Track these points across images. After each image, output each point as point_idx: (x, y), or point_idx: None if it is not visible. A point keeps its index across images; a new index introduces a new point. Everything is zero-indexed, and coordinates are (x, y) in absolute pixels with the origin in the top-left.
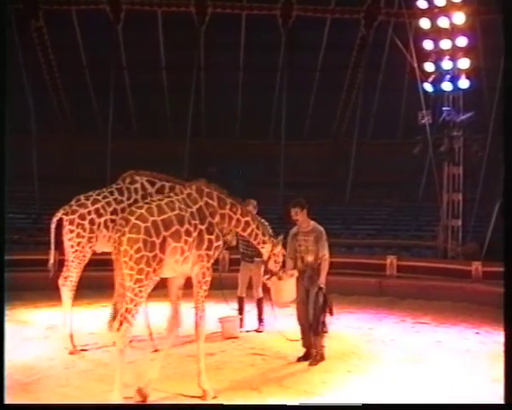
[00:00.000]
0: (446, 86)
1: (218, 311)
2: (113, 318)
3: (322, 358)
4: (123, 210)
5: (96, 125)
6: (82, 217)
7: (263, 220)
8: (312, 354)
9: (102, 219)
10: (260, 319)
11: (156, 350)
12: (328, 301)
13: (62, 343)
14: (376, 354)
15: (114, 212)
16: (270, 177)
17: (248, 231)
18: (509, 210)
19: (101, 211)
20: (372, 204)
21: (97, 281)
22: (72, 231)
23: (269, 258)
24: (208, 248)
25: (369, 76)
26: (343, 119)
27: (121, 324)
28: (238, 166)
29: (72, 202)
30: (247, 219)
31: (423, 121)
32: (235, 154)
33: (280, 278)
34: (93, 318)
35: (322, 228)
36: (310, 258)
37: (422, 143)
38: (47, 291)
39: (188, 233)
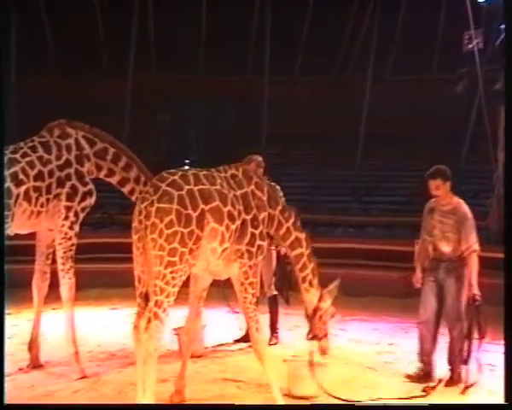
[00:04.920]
0: None
1: (180, 317)
2: (140, 317)
3: (459, 379)
4: (51, 173)
5: None
6: None
7: None
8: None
9: (22, 189)
10: (273, 328)
11: (84, 376)
12: (482, 321)
13: None
14: (399, 386)
15: (39, 176)
16: (248, 128)
17: (296, 252)
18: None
19: (21, 176)
20: (393, 167)
21: None
22: None
23: (314, 312)
24: (250, 244)
25: None
26: (352, 46)
27: (149, 321)
28: (201, 111)
29: None
30: (299, 235)
31: (471, 47)
32: (196, 94)
33: (322, 351)
34: None
35: (467, 209)
36: (446, 247)
37: (469, 78)
38: None
39: (231, 217)
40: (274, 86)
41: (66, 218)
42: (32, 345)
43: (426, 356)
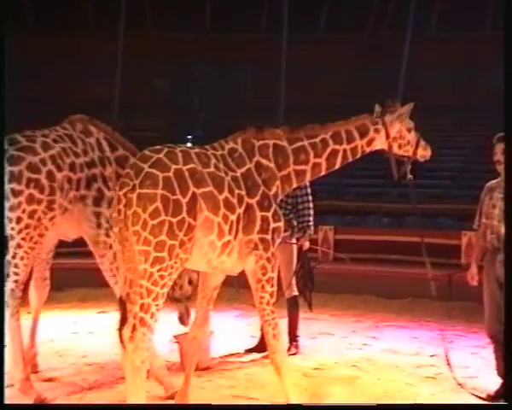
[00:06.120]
0: None
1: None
2: (123, 323)
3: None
4: (81, 168)
5: None
6: (33, 168)
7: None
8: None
9: (61, 175)
10: (293, 335)
11: (41, 399)
12: None
13: None
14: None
15: (73, 167)
16: (262, 96)
17: (338, 162)
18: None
19: (59, 161)
20: (436, 144)
21: None
22: (18, 194)
23: (389, 148)
24: (263, 231)
25: None
26: None
27: (135, 329)
28: (206, 77)
29: (5, 145)
30: (328, 151)
31: None
32: (201, 56)
33: (424, 156)
34: None
35: None
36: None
37: None
38: None
39: (229, 206)
40: (294, 46)
41: (99, 225)
42: (29, 354)
43: (501, 370)
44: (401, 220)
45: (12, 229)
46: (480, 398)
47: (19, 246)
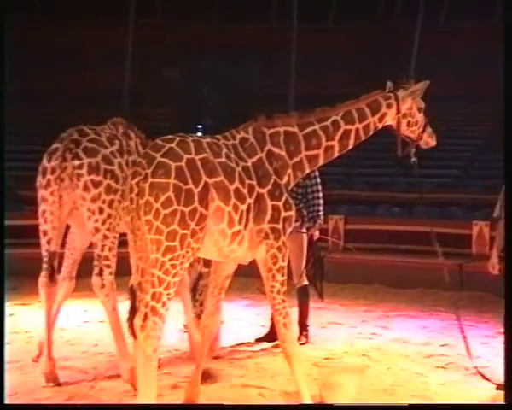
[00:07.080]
0: None
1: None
2: (134, 312)
3: None
4: (127, 167)
5: None
6: (108, 160)
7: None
8: None
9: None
10: (303, 325)
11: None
12: None
13: None
14: (453, 395)
15: (127, 164)
16: (272, 86)
17: (351, 142)
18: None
19: (113, 160)
20: (447, 133)
21: None
22: (97, 185)
23: (398, 125)
24: (274, 220)
25: None
26: None
27: (146, 318)
28: (216, 66)
29: (75, 135)
30: (340, 133)
31: None
32: (211, 45)
33: (428, 144)
34: None
35: None
36: None
37: None
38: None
39: (239, 196)
40: (304, 35)
41: None
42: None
43: None
44: (411, 210)
45: (96, 221)
46: (497, 385)
47: (105, 237)
